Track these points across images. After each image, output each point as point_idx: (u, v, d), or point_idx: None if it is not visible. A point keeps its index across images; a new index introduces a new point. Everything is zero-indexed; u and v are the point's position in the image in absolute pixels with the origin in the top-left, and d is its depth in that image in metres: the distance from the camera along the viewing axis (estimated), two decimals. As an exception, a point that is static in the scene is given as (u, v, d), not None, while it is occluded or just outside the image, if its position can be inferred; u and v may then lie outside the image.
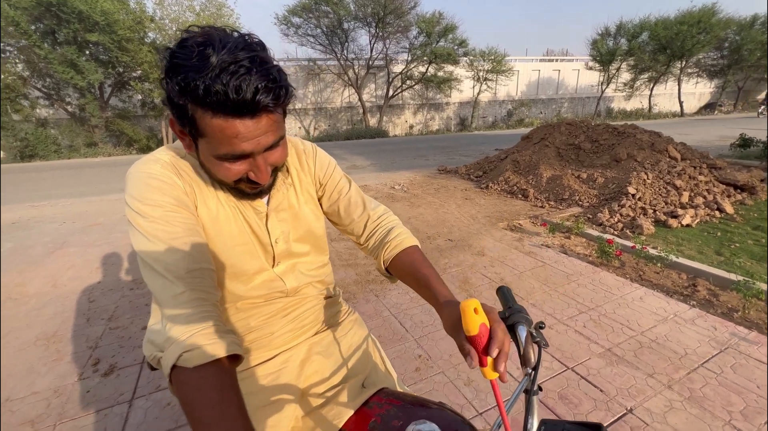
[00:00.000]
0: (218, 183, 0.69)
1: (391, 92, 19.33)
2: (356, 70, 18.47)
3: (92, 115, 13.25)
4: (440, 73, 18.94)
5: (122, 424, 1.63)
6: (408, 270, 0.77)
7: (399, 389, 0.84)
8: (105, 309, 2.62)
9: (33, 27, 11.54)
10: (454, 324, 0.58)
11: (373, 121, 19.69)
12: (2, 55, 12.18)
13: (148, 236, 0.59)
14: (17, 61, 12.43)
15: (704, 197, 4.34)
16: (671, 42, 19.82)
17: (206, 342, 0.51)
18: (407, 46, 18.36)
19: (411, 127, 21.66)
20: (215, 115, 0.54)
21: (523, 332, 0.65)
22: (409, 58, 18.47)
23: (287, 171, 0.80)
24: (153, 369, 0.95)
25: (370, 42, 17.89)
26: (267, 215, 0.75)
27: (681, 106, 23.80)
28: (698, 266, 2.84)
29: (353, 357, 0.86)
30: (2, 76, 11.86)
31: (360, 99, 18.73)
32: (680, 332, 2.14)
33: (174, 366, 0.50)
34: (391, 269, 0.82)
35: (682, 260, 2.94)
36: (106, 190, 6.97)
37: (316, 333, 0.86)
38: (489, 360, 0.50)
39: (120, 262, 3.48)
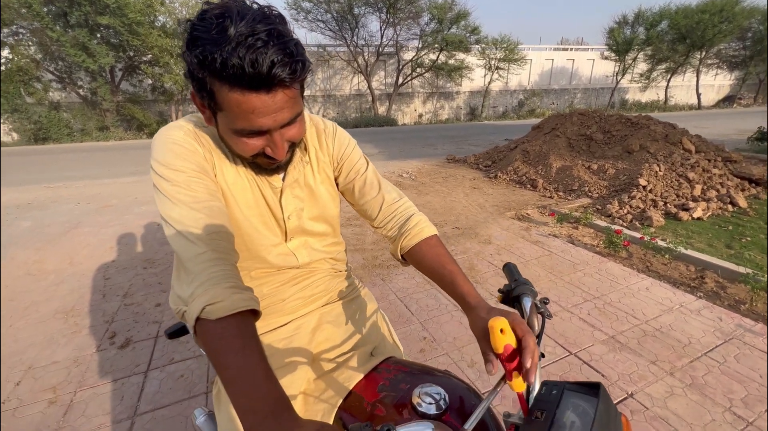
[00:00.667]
0: (236, 156, 0.71)
1: (400, 80, 19.10)
2: (366, 57, 18.26)
3: (103, 98, 13.36)
4: (451, 61, 18.63)
5: (138, 393, 1.71)
6: (430, 263, 0.77)
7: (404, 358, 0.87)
8: (120, 286, 2.71)
9: (45, 9, 11.58)
10: (481, 329, 0.59)
11: (382, 109, 19.53)
12: (15, 38, 12.28)
13: (172, 199, 0.62)
14: (30, 43, 12.52)
15: (717, 190, 4.27)
16: (691, 31, 19.16)
17: (227, 296, 0.53)
18: (418, 33, 18.04)
19: (420, 115, 21.45)
20: (232, 88, 0.55)
21: (527, 302, 0.69)
22: (420, 45, 18.17)
23: (305, 149, 0.80)
24: (171, 338, 1.01)
25: (381, 28, 17.62)
26: (282, 191, 0.77)
27: (699, 98, 23.14)
28: (707, 258, 2.82)
29: (362, 327, 0.89)
30: (15, 59, 11.98)
31: (369, 86, 18.55)
32: (685, 322, 2.14)
33: (198, 319, 0.53)
34: (409, 257, 0.82)
35: (690, 252, 2.92)
36: (118, 173, 7.09)
37: (326, 304, 0.89)
38: (515, 374, 0.53)
39: (133, 242, 3.57)
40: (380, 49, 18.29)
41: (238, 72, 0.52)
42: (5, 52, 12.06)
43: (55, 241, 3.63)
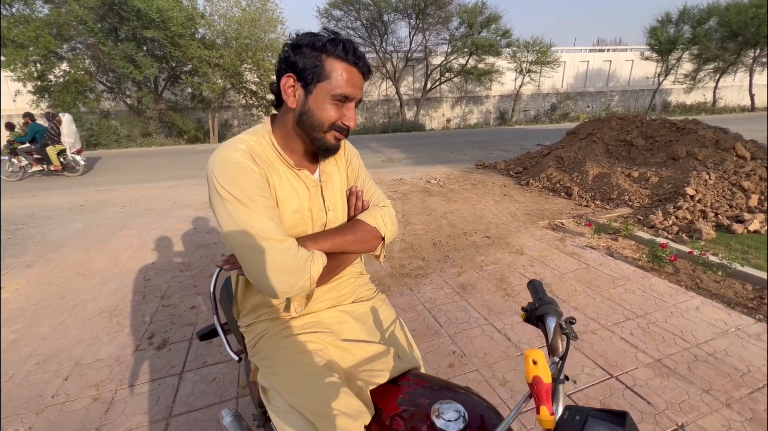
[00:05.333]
0: (312, 132, 0.83)
1: (429, 85, 19.03)
2: (394, 63, 18.35)
3: (147, 107, 14.20)
4: (481, 65, 18.34)
5: (173, 394, 1.77)
6: None
7: (423, 371, 0.92)
8: (158, 288, 2.84)
9: (98, 25, 12.51)
10: None
11: (409, 115, 19.52)
12: (72, 52, 13.34)
13: (248, 214, 0.76)
14: (85, 57, 13.55)
15: (777, 201, 3.91)
16: (744, 28, 17.81)
17: (322, 258, 0.82)
18: (447, 38, 17.93)
19: (448, 120, 21.24)
20: (342, 60, 0.78)
21: (551, 323, 0.67)
22: (449, 50, 18.03)
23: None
24: (202, 339, 1.15)
25: (410, 34, 17.67)
26: (321, 187, 0.91)
27: (752, 99, 21.41)
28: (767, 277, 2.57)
29: (383, 328, 0.95)
30: (73, 72, 12.99)
31: (397, 92, 18.61)
32: (743, 347, 1.96)
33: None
34: None
35: (747, 269, 2.68)
36: (160, 178, 7.49)
37: (347, 303, 0.98)
38: (543, 409, 0.51)
39: (171, 245, 3.74)
40: (409, 55, 18.32)
41: (348, 49, 0.78)
42: (64, 66, 13.11)
43: (102, 242, 3.87)
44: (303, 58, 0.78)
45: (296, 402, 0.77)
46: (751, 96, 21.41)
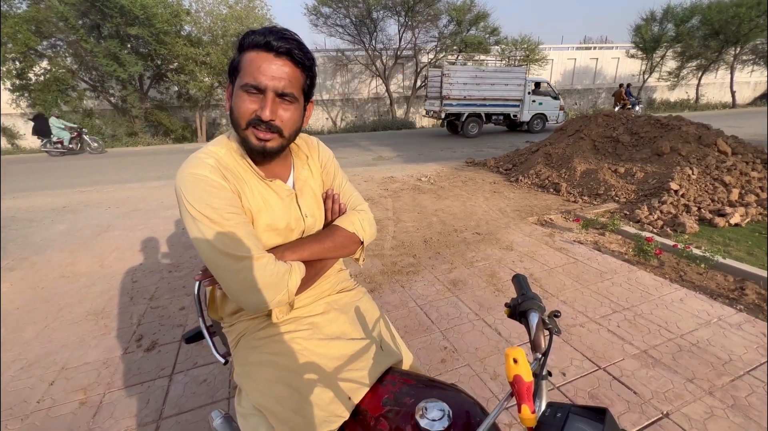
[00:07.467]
0: (238, 132, 0.79)
1: (418, 83, 19.04)
2: (384, 61, 18.29)
3: (133, 105, 13.89)
4: (470, 63, 18.43)
5: (164, 396, 1.75)
6: None
7: (407, 363, 0.92)
8: (146, 290, 2.79)
9: (80, 22, 12.18)
10: None
11: (399, 112, 19.51)
12: (53, 50, 12.98)
13: (221, 233, 0.73)
14: (66, 55, 13.19)
15: (757, 195, 4.02)
16: (725, 26, 18.24)
17: (300, 269, 0.81)
18: (436, 35, 17.93)
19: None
20: (250, 50, 0.74)
21: (534, 319, 0.67)
22: (438, 48, 18.07)
23: (306, 158, 0.95)
24: (188, 342, 1.13)
25: (399, 31, 17.61)
26: (296, 195, 0.89)
27: (733, 96, 21.96)
28: (747, 268, 2.65)
29: (365, 319, 0.95)
30: (53, 69, 12.64)
31: (387, 89, 18.57)
32: (724, 337, 2.02)
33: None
34: None
35: (729, 261, 2.75)
36: (146, 177, 7.35)
37: (330, 295, 0.98)
38: (524, 408, 0.51)
39: (159, 246, 3.68)
40: (398, 53, 18.28)
41: (259, 39, 0.73)
42: (45, 63, 12.75)
43: (87, 244, 3.79)
44: (232, 62, 0.78)
45: (259, 402, 0.75)
46: (732, 93, 21.96)
